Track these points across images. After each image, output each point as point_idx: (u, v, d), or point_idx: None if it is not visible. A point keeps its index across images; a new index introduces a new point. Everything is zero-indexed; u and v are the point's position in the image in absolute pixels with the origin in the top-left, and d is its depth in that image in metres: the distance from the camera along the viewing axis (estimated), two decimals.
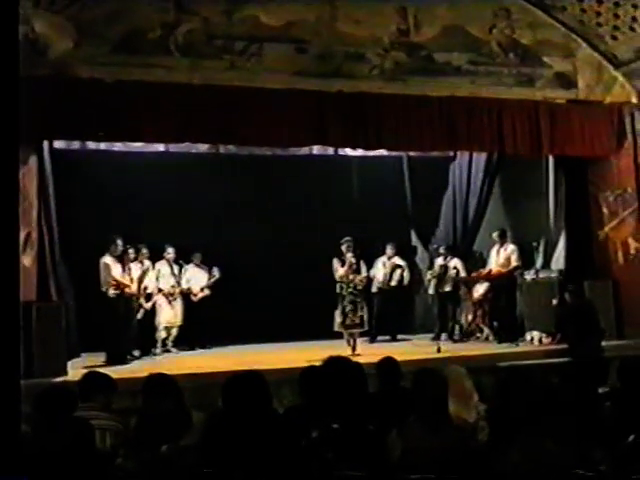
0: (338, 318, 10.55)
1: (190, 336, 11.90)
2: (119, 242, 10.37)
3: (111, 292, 10.17)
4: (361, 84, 10.30)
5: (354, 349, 10.14)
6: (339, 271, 10.68)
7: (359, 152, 12.20)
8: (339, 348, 9.69)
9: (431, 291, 12.61)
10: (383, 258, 12.65)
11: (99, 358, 9.98)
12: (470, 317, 12.19)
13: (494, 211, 13.36)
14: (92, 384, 5.38)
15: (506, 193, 13.42)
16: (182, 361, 10.60)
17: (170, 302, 11.71)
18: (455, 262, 12.32)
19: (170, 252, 11.76)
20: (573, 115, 11.22)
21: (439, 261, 12.48)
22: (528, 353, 10.31)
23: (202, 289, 12.01)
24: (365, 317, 10.61)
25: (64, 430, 3.78)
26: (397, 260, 12.67)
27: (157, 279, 11.43)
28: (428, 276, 12.72)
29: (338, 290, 10.63)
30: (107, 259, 10.27)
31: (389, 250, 12.65)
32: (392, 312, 12.49)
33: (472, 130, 10.76)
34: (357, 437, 3.84)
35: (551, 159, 12.23)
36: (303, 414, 4.16)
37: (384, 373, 5.61)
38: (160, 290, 11.54)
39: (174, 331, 11.80)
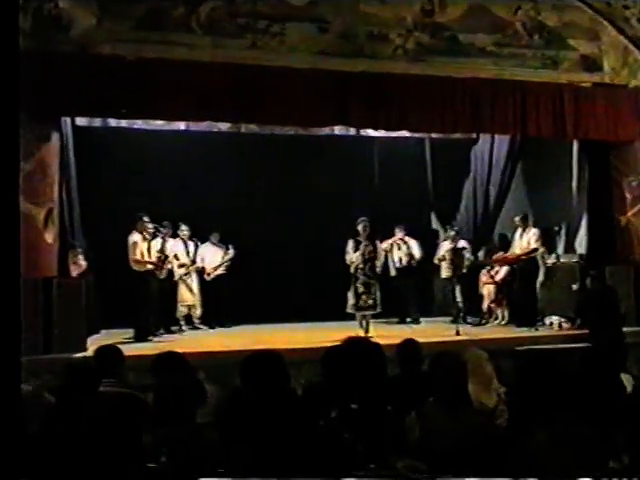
0: (351, 299, 10.55)
1: (210, 315, 12.01)
2: (146, 219, 10.46)
3: (140, 269, 10.29)
4: (384, 64, 10.20)
5: (367, 331, 10.15)
6: (351, 255, 10.65)
7: (381, 133, 12.17)
8: (356, 329, 9.85)
9: (444, 274, 12.61)
10: (391, 240, 12.63)
11: (121, 335, 10.11)
12: (489, 301, 12.19)
13: (516, 195, 13.33)
14: (109, 359, 5.43)
15: (528, 177, 13.38)
16: (201, 339, 10.72)
17: (185, 281, 11.80)
18: (463, 244, 12.34)
19: (184, 230, 11.83)
20: (598, 99, 11.08)
21: (447, 244, 12.49)
22: (547, 337, 10.28)
23: (215, 268, 12.07)
24: (378, 299, 10.60)
25: (97, 405, 3.80)
26: (406, 239, 12.67)
27: (175, 257, 11.49)
28: (436, 260, 12.79)
29: (352, 271, 10.62)
30: (135, 237, 10.36)
31: (399, 232, 12.63)
32: (406, 295, 12.54)
33: (495, 112, 10.66)
34: (375, 418, 3.84)
35: (575, 143, 12.15)
36: (322, 394, 4.13)
37: (405, 355, 5.61)
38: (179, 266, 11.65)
39: (196, 309, 11.92)
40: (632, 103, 11.27)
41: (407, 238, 12.68)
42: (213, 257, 12.18)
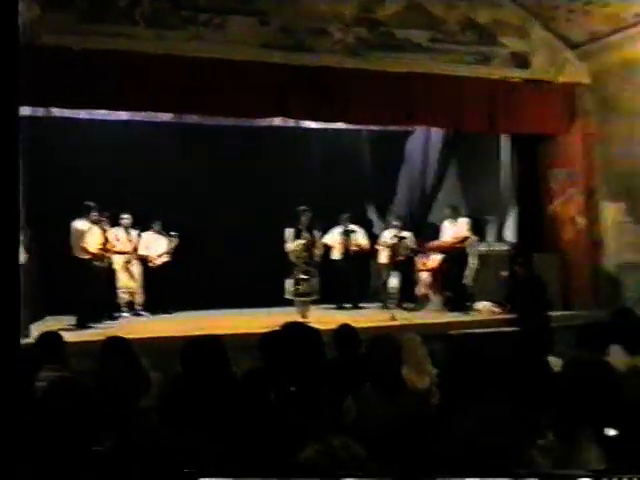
0: (290, 286, 10.70)
1: (152, 301, 12.14)
2: (94, 208, 10.55)
3: (84, 257, 10.37)
4: (323, 58, 10.39)
5: (305, 317, 10.20)
6: (291, 243, 10.86)
7: (321, 125, 12.35)
8: (294, 315, 9.95)
9: (383, 261, 12.82)
10: (338, 228, 12.92)
11: (65, 321, 10.16)
12: (423, 287, 12.47)
13: (450, 185, 13.65)
14: (51, 345, 5.57)
15: (462, 168, 13.68)
16: (144, 325, 10.77)
17: (127, 268, 11.93)
18: (407, 234, 12.61)
19: (125, 218, 11.95)
20: (527, 94, 11.44)
21: (392, 232, 12.70)
22: (478, 322, 10.56)
23: (160, 255, 12.24)
24: (317, 286, 10.79)
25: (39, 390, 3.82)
26: (352, 227, 12.94)
27: (115, 245, 11.58)
28: (379, 247, 12.97)
29: (292, 259, 10.81)
30: (80, 224, 10.44)
31: (344, 219, 12.90)
32: (350, 280, 12.76)
33: (430, 106, 10.95)
34: (314, 400, 3.89)
35: (505, 136, 12.49)
36: (261, 377, 4.17)
37: (342, 340, 5.68)
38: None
39: (137, 296, 12.07)
40: (559, 99, 11.70)
41: (353, 226, 12.95)
42: (156, 245, 12.31)
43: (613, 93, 11.40)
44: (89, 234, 10.49)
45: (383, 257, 12.84)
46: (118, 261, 11.75)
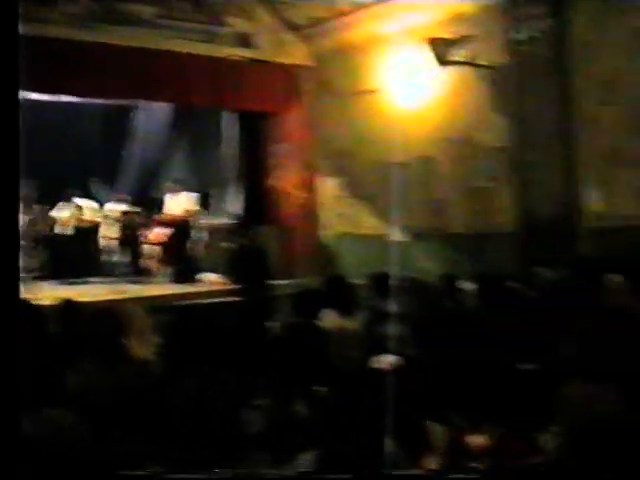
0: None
1: None
2: None
3: None
4: (49, 29, 10.08)
5: (31, 292, 10.07)
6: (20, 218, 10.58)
7: (46, 96, 12.01)
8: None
9: (111, 235, 12.77)
10: (67, 202, 12.65)
11: None
12: (151, 260, 12.53)
13: (176, 160, 13.86)
14: None
15: (188, 143, 13.94)
16: None
17: None
18: (135, 209, 12.68)
19: None
20: (252, 73, 11.79)
21: (120, 207, 12.72)
22: (204, 293, 10.76)
23: None
24: (42, 261, 10.74)
25: None
26: (79, 201, 12.76)
27: None
28: (108, 222, 12.87)
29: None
30: None
31: (73, 193, 12.69)
32: (76, 255, 12.52)
33: (157, 81, 11.04)
34: (35, 375, 3.79)
35: (225, 112, 12.87)
36: None
37: (64, 315, 5.72)
38: None
39: None
40: (281, 78, 12.22)
41: (82, 201, 12.72)
42: None
43: (330, 75, 12.03)
44: None
45: (111, 232, 12.72)
46: None
